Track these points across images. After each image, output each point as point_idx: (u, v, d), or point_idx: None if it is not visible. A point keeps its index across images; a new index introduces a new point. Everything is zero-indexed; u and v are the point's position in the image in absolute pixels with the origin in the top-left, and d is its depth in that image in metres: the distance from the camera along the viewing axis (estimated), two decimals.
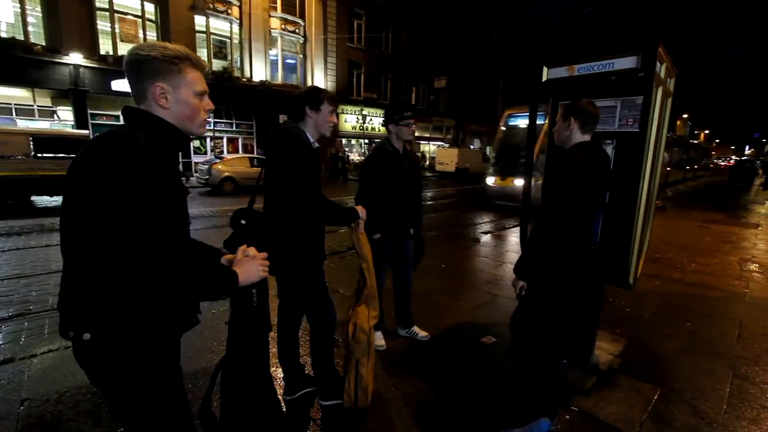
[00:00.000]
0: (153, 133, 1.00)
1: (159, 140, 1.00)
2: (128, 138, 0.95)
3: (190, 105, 1.08)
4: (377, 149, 2.66)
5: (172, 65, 1.03)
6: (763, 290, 4.27)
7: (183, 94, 1.06)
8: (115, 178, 0.89)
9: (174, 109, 1.06)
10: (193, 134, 1.13)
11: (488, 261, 5.33)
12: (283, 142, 1.86)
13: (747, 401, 2.30)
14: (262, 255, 1.23)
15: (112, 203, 0.88)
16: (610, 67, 2.05)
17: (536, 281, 1.89)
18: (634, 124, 2.19)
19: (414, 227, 2.78)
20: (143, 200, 0.90)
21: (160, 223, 0.93)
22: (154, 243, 0.92)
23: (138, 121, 1.03)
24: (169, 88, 1.04)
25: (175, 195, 1.00)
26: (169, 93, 1.04)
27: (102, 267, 0.92)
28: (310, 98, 1.93)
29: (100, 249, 0.91)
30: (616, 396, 2.31)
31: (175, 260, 0.96)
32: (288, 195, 1.87)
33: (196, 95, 1.09)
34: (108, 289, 0.93)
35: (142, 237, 0.90)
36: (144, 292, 0.94)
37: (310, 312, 2.12)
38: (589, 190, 1.74)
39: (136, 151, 0.92)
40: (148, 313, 0.98)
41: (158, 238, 0.93)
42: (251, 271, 1.17)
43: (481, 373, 2.55)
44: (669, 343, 3.02)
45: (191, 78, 1.07)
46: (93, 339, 0.94)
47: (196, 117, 1.11)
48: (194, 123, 1.11)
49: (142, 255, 0.91)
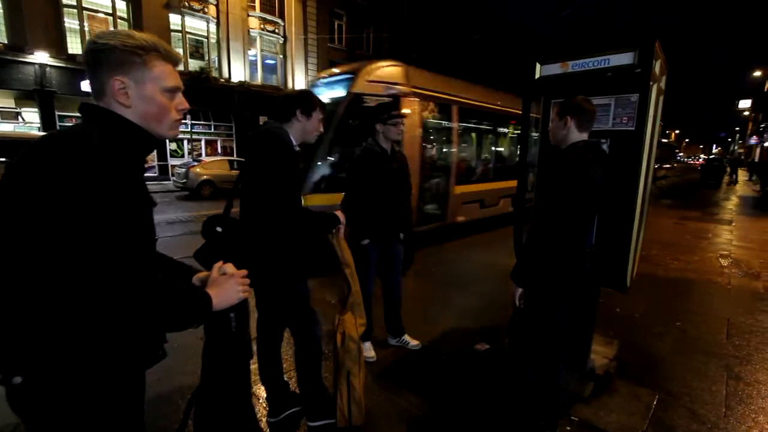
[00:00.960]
0: (109, 132, 0.84)
1: (116, 141, 0.84)
2: (77, 137, 0.79)
3: (157, 103, 0.92)
4: (364, 150, 2.53)
5: (135, 56, 0.88)
6: (744, 286, 4.34)
7: (148, 90, 0.90)
8: (57, 184, 0.72)
9: (137, 107, 0.90)
10: (163, 137, 0.97)
11: (477, 264, 5.26)
12: (266, 144, 1.71)
13: (744, 403, 2.27)
14: (241, 273, 1.08)
15: (52, 216, 0.72)
16: (605, 63, 1.98)
17: (535, 287, 1.79)
18: (629, 123, 2.13)
19: (403, 231, 2.65)
20: (93, 212, 0.74)
21: (115, 240, 0.77)
22: (104, 266, 0.76)
23: (94, 119, 0.87)
24: (131, 82, 0.88)
25: (135, 207, 0.84)
26: (131, 88, 0.88)
27: (38, 296, 0.75)
28: (303, 102, 1.80)
29: (36, 274, 0.74)
30: (615, 403, 2.24)
31: (134, 287, 0.80)
32: (269, 200, 1.72)
33: (164, 92, 0.93)
34: (46, 323, 0.76)
35: (89, 259, 0.74)
36: (93, 326, 0.78)
37: (293, 325, 1.96)
38: (588, 190, 1.65)
39: (85, 152, 0.76)
40: (98, 351, 0.82)
41: (110, 259, 0.77)
42: (229, 293, 1.02)
43: (476, 384, 2.44)
44: (661, 343, 2.99)
45: (159, 72, 0.92)
46: (26, 383, 0.77)
47: (165, 117, 0.95)
48: (162, 124, 0.95)
49: (90, 281, 0.75)
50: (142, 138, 0.92)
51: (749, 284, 4.43)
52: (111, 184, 0.77)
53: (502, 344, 2.96)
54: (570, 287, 1.75)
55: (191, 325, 0.94)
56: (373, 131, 2.50)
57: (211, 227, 1.78)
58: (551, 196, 1.68)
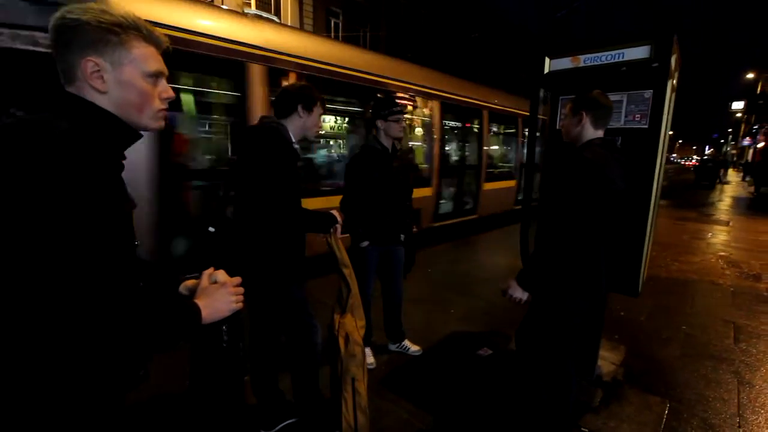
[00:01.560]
0: (79, 123, 0.72)
1: (88, 133, 0.72)
2: (41, 126, 0.67)
3: (137, 89, 0.80)
4: (364, 147, 2.41)
5: (111, 34, 0.76)
6: (747, 289, 4.28)
7: (127, 74, 0.79)
8: (17, 184, 0.61)
9: (114, 93, 0.78)
10: (144, 128, 0.85)
11: (477, 265, 5.16)
12: (263, 140, 1.60)
13: (758, 412, 2.19)
14: (234, 281, 0.97)
15: (10, 221, 0.60)
16: (619, 57, 1.88)
17: (549, 292, 1.69)
18: (642, 120, 2.04)
19: (405, 233, 2.54)
20: (60, 216, 0.62)
21: (86, 248, 0.66)
22: (74, 278, 0.64)
23: (60, 107, 0.75)
24: (106, 64, 0.76)
25: (110, 208, 0.72)
26: (107, 71, 0.77)
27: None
28: (304, 97, 1.70)
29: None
30: (625, 413, 2.15)
31: (108, 301, 0.69)
32: (265, 199, 1.60)
33: (146, 77, 0.81)
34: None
35: (56, 270, 0.63)
36: (60, 349, 0.66)
37: (290, 331, 1.85)
38: (606, 191, 1.55)
39: (51, 145, 0.65)
40: (65, 378, 0.69)
41: (81, 270, 0.65)
42: (220, 304, 0.90)
43: (481, 392, 2.33)
44: (668, 348, 2.91)
45: (139, 53, 0.80)
46: None
47: (147, 106, 0.83)
48: (144, 114, 0.83)
49: (56, 296, 0.63)
50: (119, 129, 0.80)
51: (752, 286, 4.38)
52: (81, 184, 0.66)
53: (505, 349, 2.87)
54: (587, 291, 1.66)
55: (177, 343, 0.82)
56: (373, 128, 2.39)
57: (202, 226, 1.66)
58: (566, 197, 1.57)
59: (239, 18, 3.89)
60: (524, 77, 29.71)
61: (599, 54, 1.92)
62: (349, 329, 1.76)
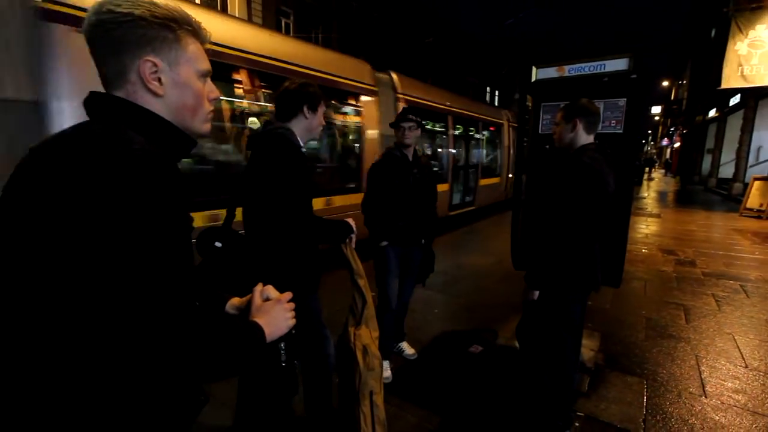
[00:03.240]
0: (151, 135, 0.66)
1: (161, 147, 0.67)
2: (119, 143, 0.60)
3: (193, 91, 0.75)
4: (385, 154, 2.45)
5: (167, 30, 0.70)
6: (687, 274, 4.82)
7: (183, 75, 0.73)
8: (108, 205, 0.55)
9: (170, 97, 0.72)
10: (196, 133, 0.80)
11: (455, 264, 5.30)
12: (272, 147, 1.53)
13: (719, 382, 2.48)
14: (286, 296, 0.93)
15: (96, 244, 0.55)
16: (601, 68, 2.05)
17: (552, 287, 1.80)
18: (617, 126, 2.23)
19: (426, 237, 2.57)
20: (145, 238, 0.57)
21: (167, 273, 0.61)
22: (147, 301, 0.59)
23: (121, 116, 0.68)
24: (164, 65, 0.70)
25: (185, 228, 0.67)
26: (164, 73, 0.71)
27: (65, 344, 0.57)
28: (308, 96, 1.63)
29: (58, 317, 0.56)
30: (612, 395, 2.34)
31: (178, 323, 0.64)
32: (277, 210, 1.54)
33: (200, 77, 0.76)
34: (58, 374, 0.58)
35: (127, 294, 0.57)
36: (124, 378, 0.60)
37: (303, 343, 1.79)
38: (604, 193, 1.69)
39: (135, 164, 0.59)
40: (130, 407, 0.64)
41: (154, 293, 0.60)
42: (279, 321, 0.86)
43: (480, 387, 2.42)
44: (635, 332, 3.20)
45: (193, 51, 0.75)
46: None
47: (200, 108, 0.78)
48: (197, 118, 0.78)
49: (125, 320, 0.58)
50: (182, 140, 0.75)
51: (690, 271, 4.93)
52: (168, 203, 0.61)
53: (494, 344, 2.99)
54: (587, 283, 1.79)
55: (245, 366, 0.78)
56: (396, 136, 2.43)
57: (208, 242, 1.56)
58: (568, 199, 1.68)
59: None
60: (475, 82, 31.02)
61: (583, 65, 2.08)
62: (366, 341, 1.73)
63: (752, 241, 6.71)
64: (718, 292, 4.16)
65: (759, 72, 8.88)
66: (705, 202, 12.64)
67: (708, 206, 11.51)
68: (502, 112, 10.72)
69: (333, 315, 2.03)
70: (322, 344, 1.79)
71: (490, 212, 9.52)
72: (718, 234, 7.47)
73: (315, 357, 1.79)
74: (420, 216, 2.48)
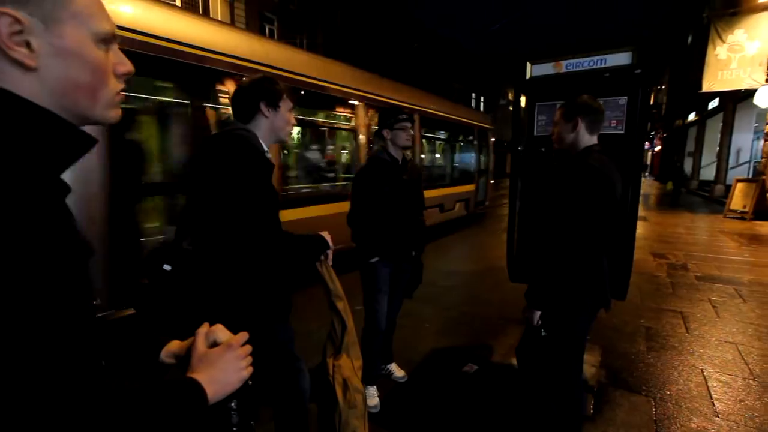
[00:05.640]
0: (16, 135, 0.45)
1: (35, 153, 0.44)
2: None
3: (89, 62, 0.52)
4: (372, 159, 2.20)
5: None
6: (680, 278, 4.73)
7: (69, 38, 0.50)
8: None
9: (50, 71, 0.49)
10: (97, 122, 0.56)
11: (441, 274, 5.10)
12: (232, 152, 1.30)
13: (728, 398, 2.32)
14: (240, 338, 0.71)
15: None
16: (601, 63, 1.89)
17: (559, 306, 1.61)
18: (618, 126, 2.07)
19: (416, 249, 2.35)
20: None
21: (42, 324, 0.39)
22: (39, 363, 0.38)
23: None
24: (35, 22, 0.47)
25: (60, 261, 0.44)
26: (35, 34, 0.47)
27: None
28: (264, 92, 1.39)
29: None
30: (619, 417, 2.15)
31: (61, 402, 0.42)
32: (238, 225, 1.31)
33: (98, 42, 0.53)
34: None
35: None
36: None
37: (273, 378, 1.55)
38: (613, 197, 1.51)
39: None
40: None
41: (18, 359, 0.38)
42: (228, 374, 0.65)
43: (478, 414, 2.20)
44: (635, 343, 3.04)
45: (83, 3, 0.51)
46: None
47: (102, 87, 0.55)
48: (99, 100, 0.55)
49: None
50: (67, 137, 0.52)
51: (684, 275, 4.84)
52: (18, 232, 0.38)
53: (490, 362, 2.79)
54: (597, 300, 1.60)
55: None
56: (381, 138, 2.19)
57: (155, 264, 1.31)
58: (576, 206, 1.49)
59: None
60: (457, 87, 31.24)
61: (582, 60, 1.92)
62: (346, 374, 1.51)
63: (740, 243, 6.71)
64: (714, 297, 4.05)
65: (738, 76, 9.02)
66: (688, 204, 12.79)
67: (691, 208, 11.62)
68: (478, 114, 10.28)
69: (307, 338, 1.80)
70: (295, 379, 1.55)
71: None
72: (706, 236, 7.48)
73: (287, 395, 1.55)
74: (411, 226, 2.26)
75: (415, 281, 2.42)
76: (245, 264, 1.33)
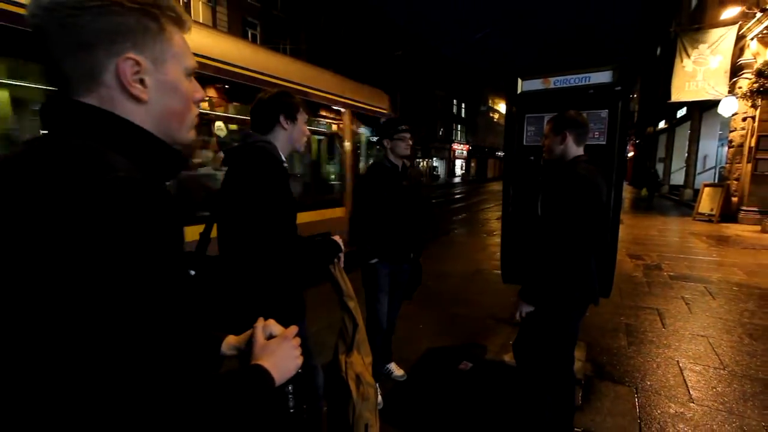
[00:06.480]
0: (135, 155, 0.53)
1: (148, 169, 0.54)
2: (99, 170, 0.47)
3: (182, 93, 0.62)
4: (373, 165, 2.33)
5: (149, 19, 0.56)
6: (655, 277, 5.01)
7: (171, 75, 0.60)
8: (93, 256, 0.43)
9: (156, 103, 0.59)
10: (181, 144, 0.66)
11: (431, 277, 5.23)
12: (252, 163, 1.39)
13: (703, 388, 2.52)
14: (292, 331, 0.81)
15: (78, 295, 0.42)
16: (586, 80, 2.07)
17: (552, 303, 1.75)
18: (600, 137, 2.25)
19: (414, 252, 2.47)
20: (143, 293, 0.45)
21: (157, 335, 0.48)
22: (150, 361, 0.48)
23: (94, 130, 0.53)
24: (149, 64, 0.57)
25: (177, 272, 0.54)
26: (149, 73, 0.57)
27: None
28: (284, 105, 1.49)
29: None
30: (605, 407, 2.31)
31: (181, 389, 0.51)
32: (259, 232, 1.40)
33: (186, 75, 0.63)
34: None
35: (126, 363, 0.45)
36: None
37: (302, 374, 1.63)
38: (600, 203, 1.67)
39: (125, 198, 0.46)
40: None
41: (155, 353, 0.48)
42: (287, 361, 0.75)
43: (475, 408, 2.32)
44: (617, 339, 3.23)
45: (179, 44, 0.61)
46: None
47: (188, 114, 0.65)
48: (184, 126, 0.65)
49: (123, 396, 0.45)
50: (169, 157, 0.62)
51: (658, 275, 5.13)
52: (162, 246, 0.48)
53: (484, 360, 2.92)
54: (587, 296, 1.75)
55: (255, 422, 0.65)
56: (382, 147, 2.31)
57: None
58: (566, 211, 1.65)
59: None
60: (440, 94, 31.81)
61: (568, 77, 2.09)
62: (359, 369, 1.60)
63: (708, 244, 7.13)
64: (687, 294, 4.33)
65: (703, 87, 9.60)
66: (659, 207, 13.41)
67: (663, 211, 12.21)
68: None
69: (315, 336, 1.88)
70: (311, 375, 1.64)
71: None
72: (677, 238, 7.90)
73: (307, 391, 1.63)
74: (410, 230, 2.39)
75: (414, 282, 2.54)
76: (268, 267, 1.42)
